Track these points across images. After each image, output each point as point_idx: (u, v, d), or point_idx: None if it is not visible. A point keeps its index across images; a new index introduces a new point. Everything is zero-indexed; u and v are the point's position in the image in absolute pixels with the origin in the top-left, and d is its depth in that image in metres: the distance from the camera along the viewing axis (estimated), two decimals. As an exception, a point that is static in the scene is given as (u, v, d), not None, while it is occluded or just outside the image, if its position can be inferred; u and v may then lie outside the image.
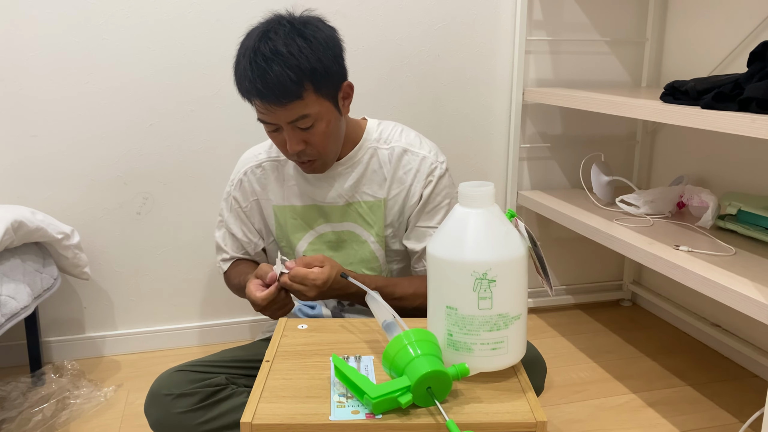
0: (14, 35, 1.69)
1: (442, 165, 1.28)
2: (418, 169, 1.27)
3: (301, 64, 1.09)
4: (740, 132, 1.19)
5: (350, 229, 1.30)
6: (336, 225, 1.30)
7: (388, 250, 1.32)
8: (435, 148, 1.31)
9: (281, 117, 1.12)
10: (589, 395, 1.68)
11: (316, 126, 1.15)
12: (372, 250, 1.30)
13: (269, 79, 1.08)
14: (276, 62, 1.08)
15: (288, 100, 1.10)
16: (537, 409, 0.80)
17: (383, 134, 1.30)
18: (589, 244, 2.19)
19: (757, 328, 1.78)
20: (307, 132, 1.15)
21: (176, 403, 1.09)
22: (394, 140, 1.29)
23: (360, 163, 1.28)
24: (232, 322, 2.00)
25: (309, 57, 1.10)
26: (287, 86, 1.09)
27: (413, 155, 1.28)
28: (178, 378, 1.12)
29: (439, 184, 1.27)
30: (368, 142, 1.29)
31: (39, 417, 1.54)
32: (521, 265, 0.85)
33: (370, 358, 0.94)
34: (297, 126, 1.14)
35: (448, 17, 1.95)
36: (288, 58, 1.09)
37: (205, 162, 1.87)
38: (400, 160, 1.28)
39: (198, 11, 1.78)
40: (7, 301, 1.46)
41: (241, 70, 1.12)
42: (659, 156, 2.14)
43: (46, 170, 1.78)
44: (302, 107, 1.12)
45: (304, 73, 1.10)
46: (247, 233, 1.37)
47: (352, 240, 1.30)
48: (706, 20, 1.89)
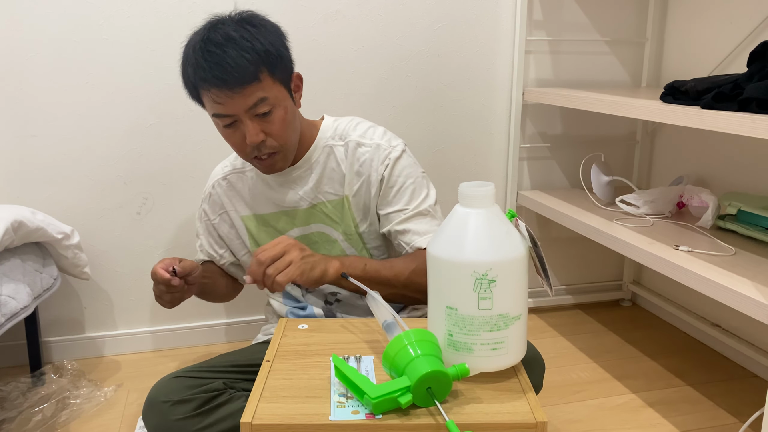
0: (14, 35, 1.69)
1: (396, 148, 1.27)
2: (373, 158, 1.26)
3: (255, 47, 1.10)
4: (740, 132, 1.19)
5: (318, 230, 1.30)
6: (304, 228, 1.30)
7: (369, 247, 1.31)
8: (389, 134, 1.30)
9: (239, 104, 1.11)
10: (588, 395, 1.68)
11: (275, 113, 1.15)
12: (342, 249, 1.30)
13: (226, 63, 1.08)
14: (230, 47, 1.09)
15: (247, 82, 1.09)
16: (537, 410, 0.80)
17: (338, 130, 1.29)
18: (589, 244, 2.19)
19: (757, 328, 1.78)
20: (266, 121, 1.15)
21: (174, 410, 1.08)
22: (348, 135, 1.28)
23: (317, 163, 1.28)
24: (232, 322, 2.00)
25: (261, 40, 1.12)
26: (244, 67, 1.09)
27: (366, 146, 1.27)
28: (175, 384, 1.11)
29: (396, 165, 1.26)
30: (323, 141, 1.28)
31: (39, 417, 1.54)
32: (521, 265, 0.85)
33: (370, 358, 0.94)
34: (256, 113, 1.13)
35: (448, 17, 1.95)
36: (241, 42, 1.10)
37: (205, 162, 1.87)
38: (355, 153, 1.27)
39: (198, 11, 1.78)
40: (7, 301, 1.46)
41: (193, 63, 1.12)
42: (659, 156, 2.14)
43: (46, 170, 1.78)
44: (260, 90, 1.12)
45: (258, 54, 1.11)
46: (213, 245, 1.41)
47: (323, 240, 1.30)
48: (706, 20, 1.89)
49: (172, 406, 1.08)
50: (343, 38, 1.88)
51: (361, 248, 1.31)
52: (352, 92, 1.92)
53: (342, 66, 1.91)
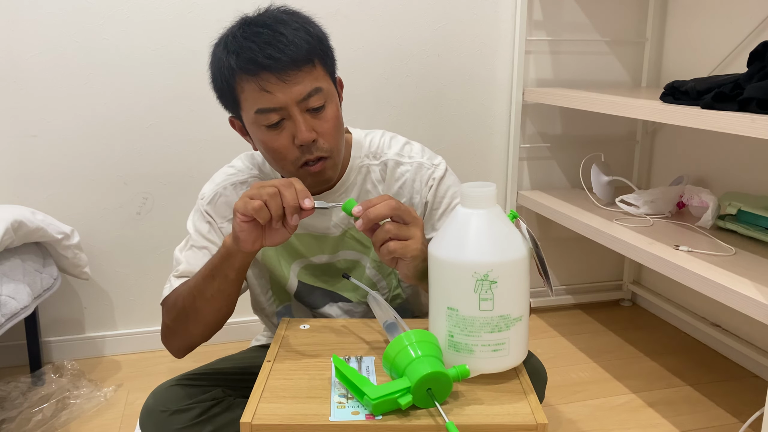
0: (14, 35, 1.69)
1: (439, 167, 1.15)
2: (414, 178, 1.13)
3: (309, 31, 0.98)
4: (740, 132, 1.19)
5: (345, 258, 1.17)
6: (332, 256, 1.17)
7: (398, 274, 1.15)
8: (427, 151, 1.18)
9: (291, 93, 0.96)
10: (589, 395, 1.68)
11: (328, 108, 1.01)
12: (368, 276, 1.17)
13: (279, 42, 0.94)
14: (281, 27, 0.96)
15: (302, 64, 0.96)
16: (538, 411, 0.80)
17: (371, 147, 1.15)
18: (589, 244, 2.19)
19: (757, 328, 1.78)
20: (318, 118, 1.00)
21: (173, 420, 1.04)
22: (384, 153, 1.15)
23: (354, 186, 1.14)
24: (232, 322, 1.99)
25: (313, 27, 1.00)
26: (301, 46, 0.95)
27: (406, 165, 1.14)
28: (173, 393, 1.07)
29: (441, 185, 1.14)
30: (358, 160, 1.14)
31: (39, 417, 1.54)
32: (523, 266, 0.85)
33: (371, 358, 0.94)
34: (308, 107, 0.99)
35: (448, 17, 1.95)
36: (292, 23, 0.97)
37: (205, 162, 1.87)
38: (393, 173, 1.14)
39: (198, 11, 1.78)
40: (7, 301, 1.46)
41: (235, 50, 0.97)
42: (659, 156, 2.14)
43: (46, 170, 1.78)
44: (315, 78, 0.98)
45: (313, 39, 0.98)
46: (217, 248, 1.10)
47: (348, 267, 1.18)
48: (706, 20, 1.89)
49: (170, 415, 1.04)
50: (343, 38, 1.88)
51: (389, 272, 1.19)
52: (352, 92, 1.91)
53: (342, 66, 1.88)
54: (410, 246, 0.89)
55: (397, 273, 1.15)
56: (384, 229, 0.89)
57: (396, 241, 0.89)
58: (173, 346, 1.10)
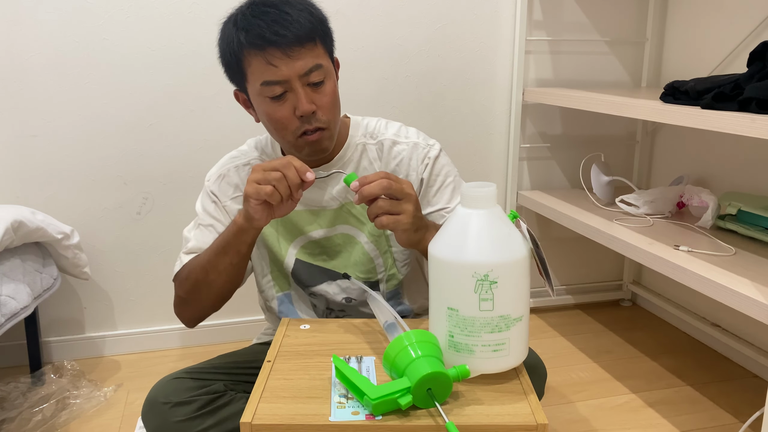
0: (14, 35, 1.69)
1: (434, 147, 1.24)
2: (411, 156, 1.22)
3: (312, 12, 1.08)
4: (740, 132, 1.19)
5: (342, 232, 1.23)
6: (330, 230, 1.23)
7: (395, 250, 1.24)
8: (422, 133, 1.27)
9: (295, 68, 1.05)
10: (589, 395, 1.68)
11: (327, 84, 1.10)
12: (365, 251, 1.23)
13: (285, 21, 1.04)
14: (287, 7, 1.06)
15: (305, 41, 1.05)
16: (538, 411, 0.80)
17: (369, 128, 1.25)
18: (589, 244, 2.19)
19: (757, 328, 1.78)
20: (317, 92, 1.09)
21: (174, 412, 1.06)
22: (380, 134, 1.24)
23: (350, 162, 1.22)
24: (232, 322, 2.00)
25: (315, 8, 1.10)
26: (304, 25, 1.05)
27: (402, 144, 1.23)
28: (175, 386, 1.09)
29: (436, 163, 1.23)
30: (356, 138, 1.23)
31: (39, 417, 1.54)
32: (523, 266, 0.85)
33: (371, 358, 0.94)
34: (309, 81, 1.07)
35: (448, 17, 1.95)
36: (296, 4, 1.07)
37: (205, 162, 1.85)
38: (390, 152, 1.22)
39: (198, 11, 1.78)
40: (7, 301, 1.46)
41: (244, 26, 1.06)
42: (659, 156, 2.14)
43: (46, 170, 1.78)
44: (316, 55, 1.07)
45: (315, 19, 1.08)
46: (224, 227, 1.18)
47: (345, 242, 1.24)
48: (706, 20, 1.89)
49: (172, 407, 1.06)
50: (343, 38, 1.87)
51: (386, 250, 1.24)
52: (352, 92, 1.92)
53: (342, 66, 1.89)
54: (401, 220, 0.98)
55: (393, 252, 1.24)
56: (377, 205, 0.98)
57: (388, 215, 0.98)
58: (186, 316, 1.20)
